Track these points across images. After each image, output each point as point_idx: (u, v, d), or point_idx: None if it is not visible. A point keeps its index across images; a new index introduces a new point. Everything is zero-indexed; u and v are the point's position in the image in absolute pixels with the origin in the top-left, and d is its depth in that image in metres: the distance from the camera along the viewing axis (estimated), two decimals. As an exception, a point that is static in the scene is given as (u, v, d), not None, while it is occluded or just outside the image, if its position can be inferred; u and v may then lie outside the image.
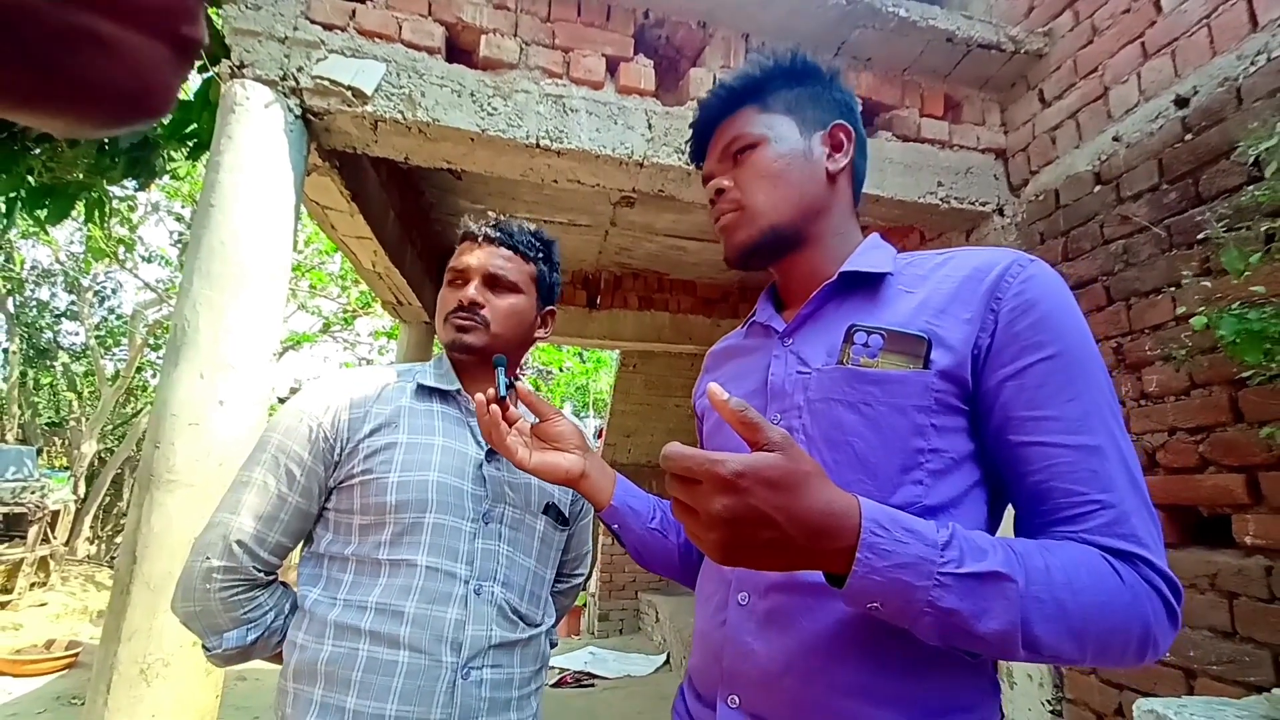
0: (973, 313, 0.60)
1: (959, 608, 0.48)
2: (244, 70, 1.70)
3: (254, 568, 0.82)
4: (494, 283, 0.92)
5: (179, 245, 9.57)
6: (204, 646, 0.83)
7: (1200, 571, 1.58)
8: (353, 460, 0.84)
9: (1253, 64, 1.57)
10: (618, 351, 6.22)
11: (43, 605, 6.85)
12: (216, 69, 1.78)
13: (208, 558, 0.80)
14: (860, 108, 2.29)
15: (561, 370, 12.14)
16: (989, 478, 0.61)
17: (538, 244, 0.97)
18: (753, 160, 0.71)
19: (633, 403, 6.35)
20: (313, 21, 1.77)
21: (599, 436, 7.31)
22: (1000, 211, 2.32)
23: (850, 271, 0.68)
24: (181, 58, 0.22)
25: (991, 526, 0.62)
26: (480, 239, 0.94)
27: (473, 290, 0.90)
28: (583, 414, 12.66)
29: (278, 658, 0.85)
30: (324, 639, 0.79)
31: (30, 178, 2.13)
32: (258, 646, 0.83)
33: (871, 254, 0.70)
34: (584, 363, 11.77)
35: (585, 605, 7.20)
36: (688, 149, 0.81)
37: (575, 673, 5.04)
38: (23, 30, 0.18)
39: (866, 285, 0.68)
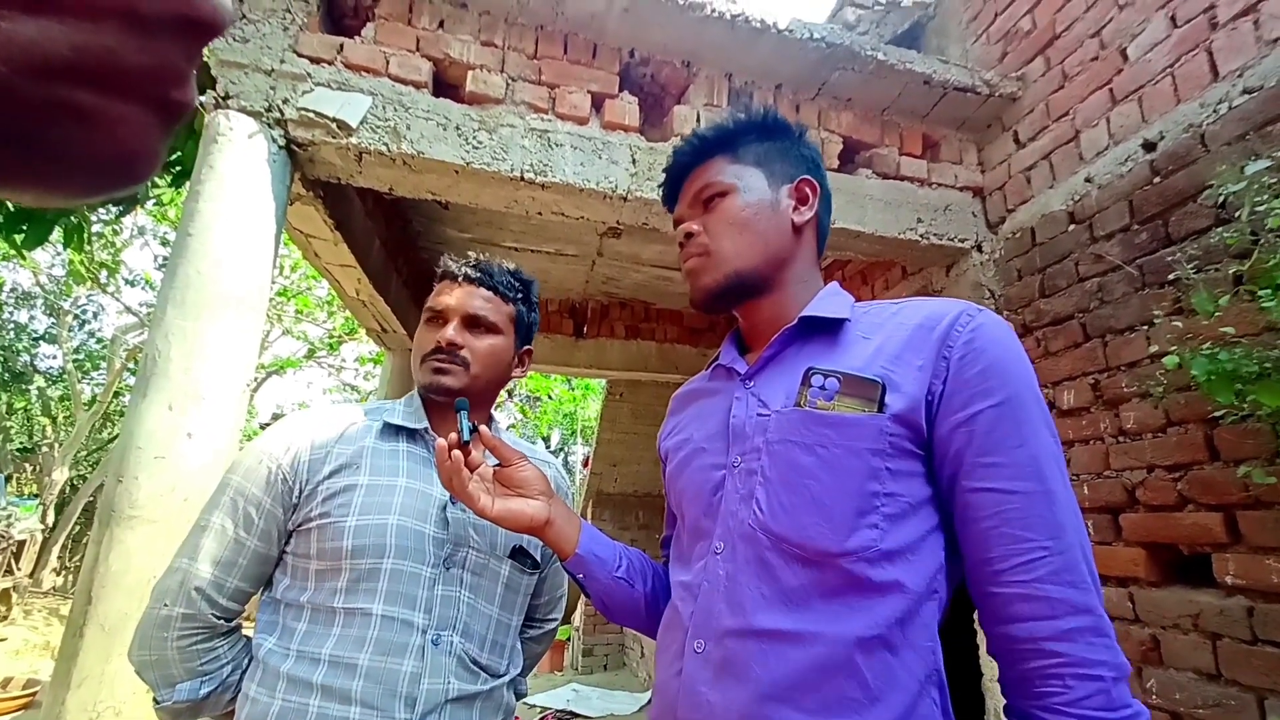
0: (925, 360, 0.62)
1: None
2: (229, 101, 1.70)
3: (213, 615, 0.79)
4: (473, 323, 0.90)
5: (164, 269, 9.50)
6: (154, 699, 0.79)
7: (1183, 611, 1.57)
8: (311, 503, 0.81)
9: (1215, 112, 1.63)
10: (605, 380, 6.21)
11: (2, 640, 6.56)
12: (201, 100, 1.79)
13: (166, 604, 0.78)
14: (840, 148, 2.31)
15: (549, 397, 12.07)
16: (947, 523, 0.62)
17: (517, 284, 0.96)
18: (722, 208, 0.73)
19: (619, 432, 6.31)
20: (300, 55, 1.79)
21: (585, 465, 7.23)
22: (979, 248, 2.36)
23: (810, 316, 0.70)
24: (168, 122, 0.20)
25: (950, 571, 0.62)
26: (460, 279, 0.92)
27: (451, 331, 0.88)
28: (570, 442, 12.55)
29: (229, 716, 0.81)
30: (275, 692, 0.76)
31: (7, 202, 2.11)
32: (210, 701, 0.80)
33: (830, 300, 0.72)
34: (572, 390, 11.72)
35: (569, 640, 7.03)
36: (660, 192, 0.83)
37: (557, 711, 4.88)
38: None
39: (826, 331, 0.70)
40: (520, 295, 0.96)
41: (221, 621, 0.80)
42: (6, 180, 0.19)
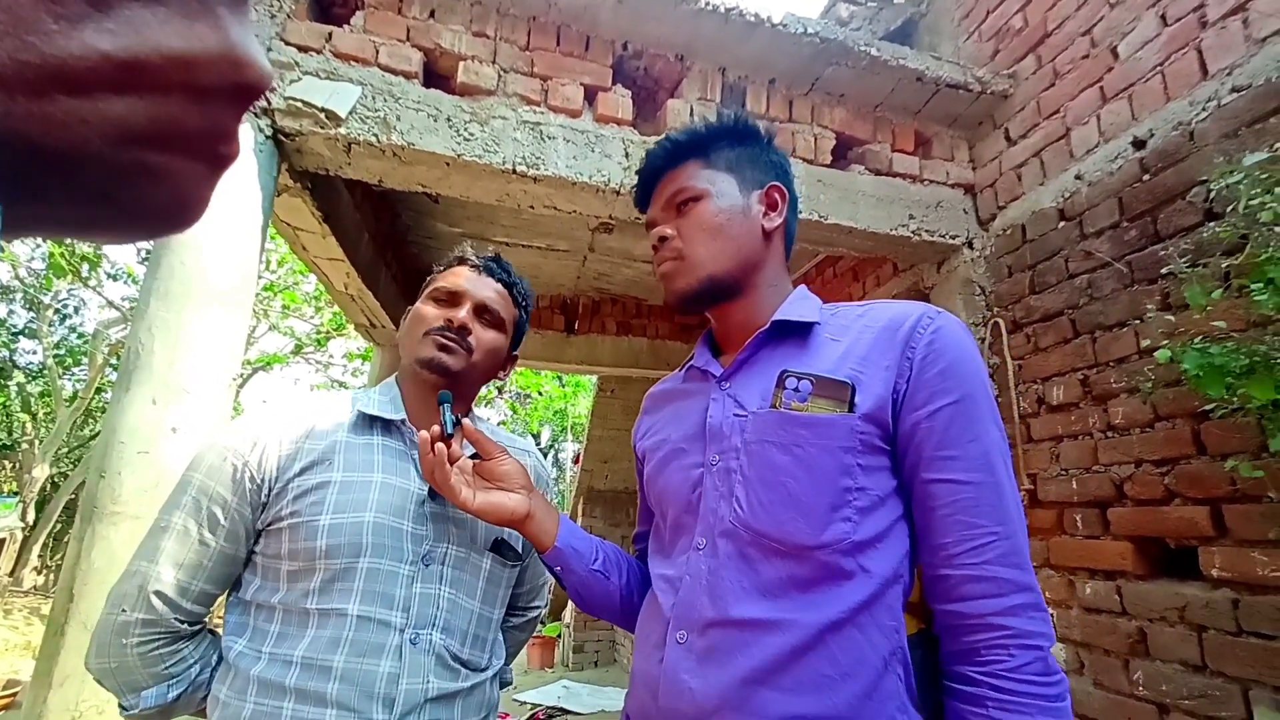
0: (890, 360, 0.66)
1: None
2: (214, 89, 1.67)
3: (176, 619, 0.76)
4: (483, 312, 0.91)
5: (146, 263, 9.34)
6: (120, 705, 0.76)
7: (1169, 604, 1.59)
8: (281, 501, 0.78)
9: (1204, 110, 1.64)
10: (596, 376, 6.19)
11: (-19, 640, 6.45)
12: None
13: (124, 610, 0.74)
14: (833, 143, 2.29)
15: (540, 394, 12.03)
16: (910, 512, 0.66)
17: (524, 291, 0.99)
18: (695, 212, 0.75)
19: (610, 428, 6.30)
20: (287, 43, 1.76)
21: (576, 462, 7.23)
22: (970, 244, 2.37)
23: (782, 320, 0.73)
24: (217, 172, 0.23)
25: (914, 558, 0.66)
26: (481, 269, 0.93)
27: (465, 314, 0.88)
28: (560, 439, 12.52)
29: (203, 713, 0.79)
30: (246, 696, 0.73)
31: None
32: (180, 703, 0.77)
33: (800, 304, 0.75)
34: (562, 386, 11.68)
35: (560, 636, 7.02)
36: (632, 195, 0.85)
37: (548, 708, 4.88)
38: (86, 173, 0.20)
39: (796, 333, 0.73)
40: (524, 303, 0.98)
41: (185, 626, 0.77)
42: (90, 230, 0.22)
